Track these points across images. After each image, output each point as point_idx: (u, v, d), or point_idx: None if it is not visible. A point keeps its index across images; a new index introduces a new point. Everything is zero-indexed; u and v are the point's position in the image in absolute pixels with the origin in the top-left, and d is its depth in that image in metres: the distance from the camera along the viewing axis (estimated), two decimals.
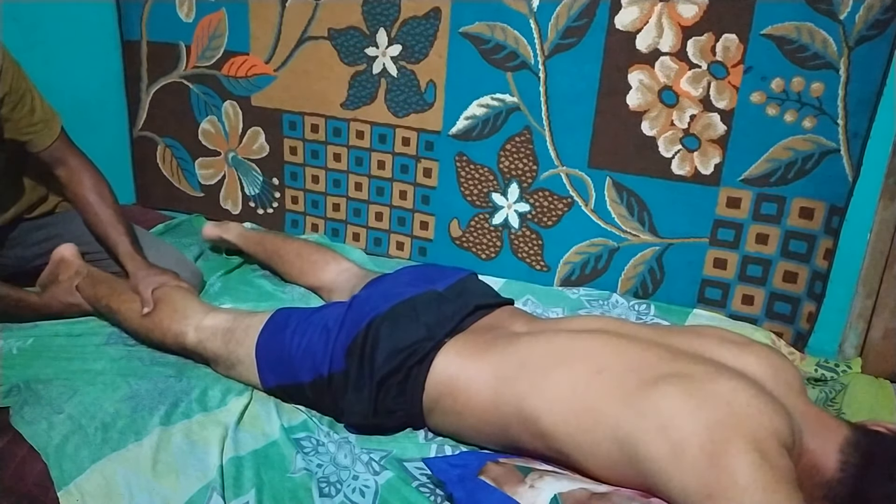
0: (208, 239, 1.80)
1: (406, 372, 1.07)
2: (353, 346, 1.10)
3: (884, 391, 1.38)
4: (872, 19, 1.31)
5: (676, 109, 1.51)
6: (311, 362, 1.13)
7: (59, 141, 1.42)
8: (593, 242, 1.66)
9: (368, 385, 1.08)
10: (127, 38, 2.00)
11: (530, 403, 0.96)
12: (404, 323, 1.11)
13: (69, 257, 1.47)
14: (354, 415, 1.09)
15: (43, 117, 1.39)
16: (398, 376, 1.07)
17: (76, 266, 1.45)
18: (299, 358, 1.14)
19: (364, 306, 1.17)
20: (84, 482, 0.96)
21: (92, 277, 1.44)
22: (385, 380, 1.07)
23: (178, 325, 1.27)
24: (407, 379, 1.07)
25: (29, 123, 1.37)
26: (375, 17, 1.71)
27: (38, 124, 1.38)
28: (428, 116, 1.74)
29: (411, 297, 1.17)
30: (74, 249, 1.49)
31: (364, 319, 1.13)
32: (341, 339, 1.12)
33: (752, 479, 0.76)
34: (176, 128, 2.04)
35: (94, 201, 1.43)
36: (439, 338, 1.09)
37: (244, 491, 0.97)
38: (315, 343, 1.14)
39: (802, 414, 0.90)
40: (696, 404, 0.83)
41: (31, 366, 1.22)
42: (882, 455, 0.86)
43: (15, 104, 1.34)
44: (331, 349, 1.12)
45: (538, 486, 0.88)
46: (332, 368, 1.11)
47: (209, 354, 1.24)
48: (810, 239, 1.47)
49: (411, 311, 1.14)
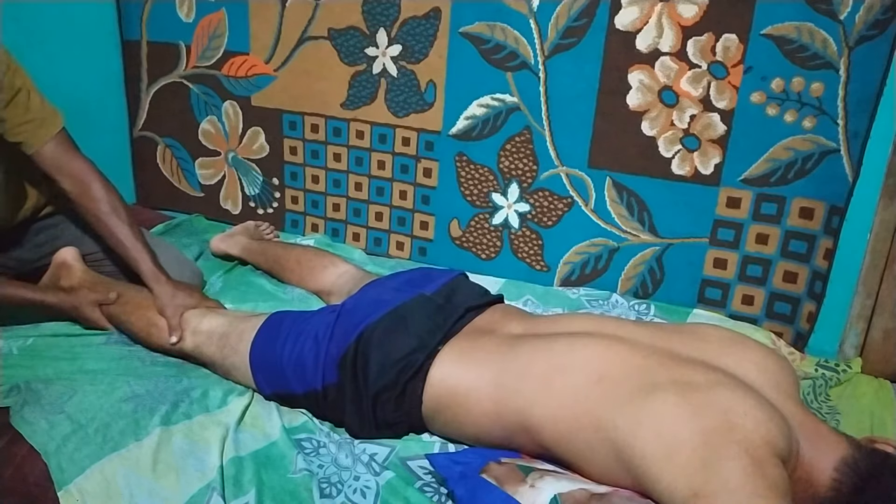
0: (214, 253, 1.79)
1: (402, 386, 1.05)
2: (345, 359, 1.09)
3: (884, 391, 1.38)
4: (872, 19, 1.31)
5: (676, 109, 1.51)
6: (303, 375, 1.12)
7: (56, 142, 1.32)
8: (593, 242, 1.66)
9: (366, 399, 1.06)
10: (127, 38, 2.00)
11: (533, 414, 0.96)
12: (394, 333, 1.09)
13: (70, 261, 1.47)
14: (356, 428, 1.09)
15: (39, 115, 1.30)
16: (394, 391, 1.05)
17: (78, 270, 1.45)
18: (291, 369, 1.13)
19: (352, 316, 1.14)
20: (84, 482, 0.96)
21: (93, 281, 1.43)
22: (381, 394, 1.06)
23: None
24: (404, 393, 1.05)
25: (20, 122, 1.28)
26: (375, 17, 1.71)
27: (33, 122, 1.29)
28: (428, 116, 1.74)
29: (400, 305, 1.15)
30: (76, 253, 1.48)
31: (353, 331, 1.10)
32: (332, 352, 1.10)
33: (742, 484, 0.75)
34: (176, 128, 2.04)
35: (108, 217, 1.35)
36: (432, 347, 1.07)
37: (244, 491, 0.97)
38: (305, 355, 1.12)
39: (801, 423, 0.89)
40: (693, 412, 0.83)
41: (31, 366, 1.22)
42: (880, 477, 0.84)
43: (7, 102, 1.26)
44: (322, 362, 1.10)
45: (538, 486, 0.89)
46: (325, 381, 1.10)
47: (206, 360, 1.24)
48: (810, 239, 1.47)
49: (401, 321, 1.11)
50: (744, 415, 0.82)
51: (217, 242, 1.79)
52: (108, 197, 1.36)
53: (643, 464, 0.83)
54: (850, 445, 0.88)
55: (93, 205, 1.35)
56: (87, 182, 1.35)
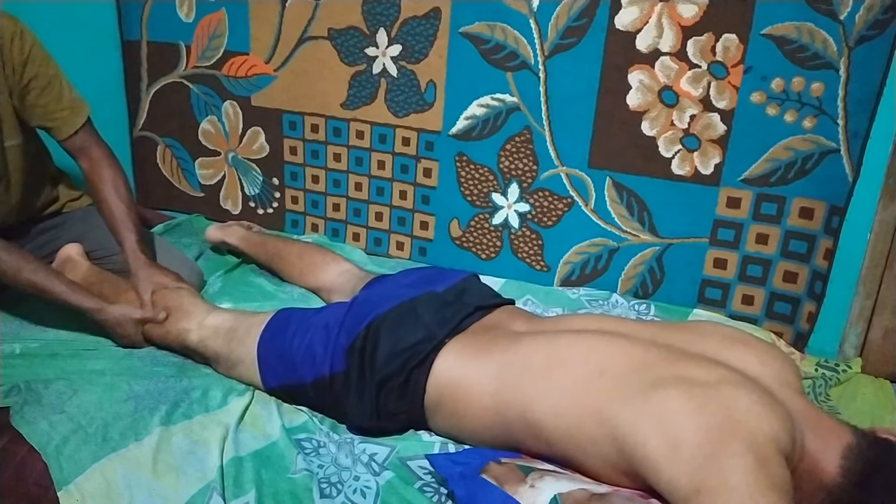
0: (211, 241, 1.81)
1: (407, 374, 1.07)
2: (353, 346, 1.10)
3: (884, 391, 1.38)
4: (872, 19, 1.31)
5: (676, 109, 1.51)
6: (312, 362, 1.13)
7: (85, 130, 1.44)
8: (593, 242, 1.66)
9: (370, 387, 1.08)
10: (127, 38, 2.00)
11: (533, 408, 0.96)
12: (404, 324, 1.11)
13: (75, 256, 1.47)
14: (357, 417, 1.09)
15: (70, 104, 1.42)
16: (399, 378, 1.07)
17: (83, 266, 1.45)
18: (300, 358, 1.14)
19: (364, 307, 1.17)
20: (84, 482, 0.96)
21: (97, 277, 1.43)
22: (385, 382, 1.07)
23: (181, 322, 1.27)
24: (408, 381, 1.07)
25: (56, 109, 1.40)
26: (375, 17, 1.71)
27: (65, 111, 1.41)
28: (428, 116, 1.74)
29: (411, 299, 1.17)
30: (80, 248, 1.49)
31: (364, 320, 1.13)
32: (342, 340, 1.12)
33: (744, 481, 0.75)
34: (176, 128, 2.04)
35: (109, 195, 1.44)
36: (439, 338, 1.09)
37: (244, 491, 0.97)
38: (316, 343, 1.14)
39: (804, 416, 0.89)
40: (697, 407, 0.83)
41: (32, 366, 1.22)
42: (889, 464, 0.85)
43: (42, 89, 1.38)
44: (331, 349, 1.12)
45: (538, 486, 0.89)
46: (332, 368, 1.11)
47: (210, 353, 1.24)
48: (810, 239, 1.47)
49: (411, 312, 1.13)
50: (747, 411, 0.82)
51: (213, 231, 1.80)
52: (114, 180, 1.45)
53: (645, 458, 0.83)
54: (854, 434, 0.89)
55: (98, 182, 1.45)
56: (101, 164, 1.46)
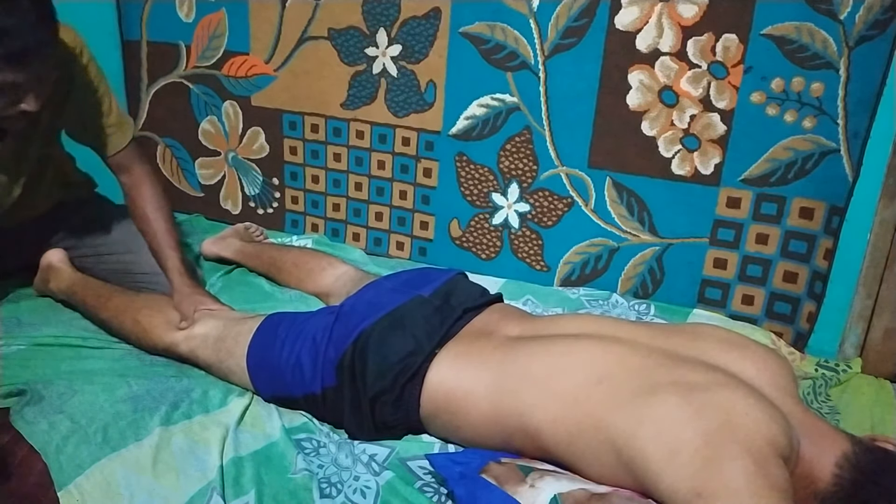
0: (207, 256, 1.75)
1: (399, 389, 1.05)
2: (343, 362, 1.08)
3: (884, 391, 1.38)
4: (872, 19, 1.31)
5: (676, 109, 1.51)
6: (301, 378, 1.12)
7: (130, 148, 1.43)
8: (593, 242, 1.66)
9: (364, 402, 1.06)
10: (127, 38, 2.00)
11: (532, 417, 0.95)
12: (392, 336, 1.08)
13: (57, 263, 1.47)
14: (355, 431, 1.09)
15: (117, 121, 1.41)
16: (392, 394, 1.05)
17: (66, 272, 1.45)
18: (289, 373, 1.12)
19: (350, 319, 1.14)
20: (84, 482, 0.96)
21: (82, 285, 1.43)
22: (379, 397, 1.05)
23: (170, 335, 1.26)
24: (401, 396, 1.05)
25: (105, 125, 1.40)
26: (375, 17, 1.71)
27: (112, 127, 1.41)
28: (428, 116, 1.74)
29: (398, 307, 1.14)
30: (62, 255, 1.49)
31: (351, 334, 1.10)
32: (330, 354, 1.10)
33: (744, 484, 0.75)
34: (176, 128, 2.04)
35: (151, 214, 1.42)
36: (429, 350, 1.07)
37: (244, 491, 0.96)
38: (303, 358, 1.12)
39: (800, 421, 0.89)
40: (694, 412, 0.83)
41: (32, 366, 1.22)
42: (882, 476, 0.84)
43: (95, 105, 1.37)
44: (321, 364, 1.10)
45: (538, 486, 0.88)
46: (324, 384, 1.10)
47: (202, 364, 1.23)
48: (810, 239, 1.47)
49: (398, 323, 1.10)
50: (745, 414, 0.82)
51: (209, 245, 1.75)
52: (155, 198, 1.44)
53: (645, 464, 0.83)
54: (850, 442, 0.88)
55: (140, 199, 1.44)
56: (143, 182, 1.44)
